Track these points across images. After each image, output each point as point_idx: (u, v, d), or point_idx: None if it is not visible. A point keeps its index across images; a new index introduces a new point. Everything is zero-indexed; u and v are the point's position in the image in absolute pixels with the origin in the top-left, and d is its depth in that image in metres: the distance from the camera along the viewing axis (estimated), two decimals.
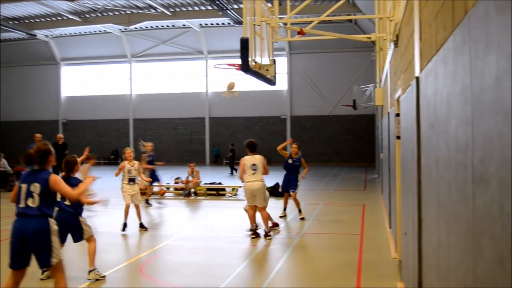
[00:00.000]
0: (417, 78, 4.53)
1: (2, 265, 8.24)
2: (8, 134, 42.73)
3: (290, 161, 13.61)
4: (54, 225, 5.69)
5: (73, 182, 6.63)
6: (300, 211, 13.19)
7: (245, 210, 11.19)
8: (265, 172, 10.82)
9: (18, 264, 5.61)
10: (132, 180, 11.73)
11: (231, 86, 9.63)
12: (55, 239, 5.65)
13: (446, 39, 3.00)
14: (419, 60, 4.53)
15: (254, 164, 10.63)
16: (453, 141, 2.80)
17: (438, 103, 3.33)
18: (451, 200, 2.90)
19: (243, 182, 10.81)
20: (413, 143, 4.83)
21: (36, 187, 5.61)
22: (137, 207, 11.70)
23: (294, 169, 13.56)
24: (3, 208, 15.65)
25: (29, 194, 5.61)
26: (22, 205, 5.62)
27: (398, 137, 7.91)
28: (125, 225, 11.41)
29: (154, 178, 16.36)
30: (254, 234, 10.60)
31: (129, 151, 12.02)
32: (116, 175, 12.00)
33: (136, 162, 11.91)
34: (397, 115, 7.90)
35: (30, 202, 5.59)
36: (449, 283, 2.97)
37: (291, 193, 13.31)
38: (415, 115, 4.59)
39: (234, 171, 28.99)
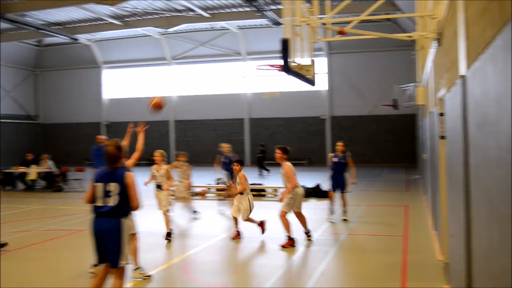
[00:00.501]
0: (463, 76, 4.43)
1: (2, 267, 8.47)
2: (52, 136, 43.90)
3: (335, 159, 13.11)
4: (127, 225, 5.77)
5: None
6: (345, 212, 13.00)
7: (233, 216, 10.75)
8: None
9: (101, 259, 5.83)
10: (159, 186, 11.02)
11: (156, 103, 8.03)
12: (127, 239, 5.78)
13: (495, 37, 2.93)
14: (465, 58, 4.43)
15: None
16: (505, 141, 2.73)
17: (487, 102, 3.25)
18: (503, 201, 2.83)
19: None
20: (460, 143, 4.73)
21: (114, 186, 5.69)
22: (164, 214, 10.90)
23: (340, 168, 13.03)
24: (26, 210, 16.09)
25: (106, 193, 5.68)
26: (99, 204, 5.71)
27: (442, 137, 7.76)
28: (168, 234, 10.71)
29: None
30: (292, 240, 10.05)
31: (156, 154, 11.27)
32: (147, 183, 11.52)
33: (164, 167, 11.03)
34: (441, 114, 7.75)
35: (107, 202, 5.68)
36: (504, 285, 2.88)
37: (340, 193, 12.97)
38: (462, 114, 4.49)
39: (264, 172, 28.77)
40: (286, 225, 10.07)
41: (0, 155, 37.42)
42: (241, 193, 10.65)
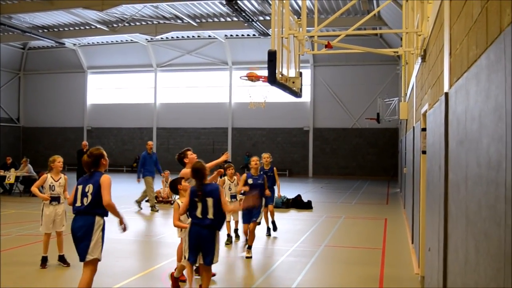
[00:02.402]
0: (446, 94, 4.52)
1: (2, 268, 8.40)
2: (34, 140, 43.49)
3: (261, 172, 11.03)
4: (100, 222, 6.19)
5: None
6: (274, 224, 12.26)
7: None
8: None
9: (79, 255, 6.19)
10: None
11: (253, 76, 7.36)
12: (98, 236, 6.16)
13: (479, 56, 3.00)
14: (449, 76, 4.52)
15: None
16: (485, 159, 2.79)
17: (469, 120, 3.32)
18: (481, 217, 2.89)
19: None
20: (441, 159, 4.81)
21: (90, 188, 6.17)
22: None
23: (269, 183, 11.52)
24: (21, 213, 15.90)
25: (84, 194, 6.18)
26: (78, 204, 6.21)
27: (424, 152, 7.86)
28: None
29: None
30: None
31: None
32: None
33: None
34: (423, 129, 7.85)
35: (84, 201, 6.16)
36: None
37: (269, 206, 11.87)
38: (443, 130, 4.57)
39: None
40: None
41: None
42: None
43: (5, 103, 42.79)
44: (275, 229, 12.33)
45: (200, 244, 6.51)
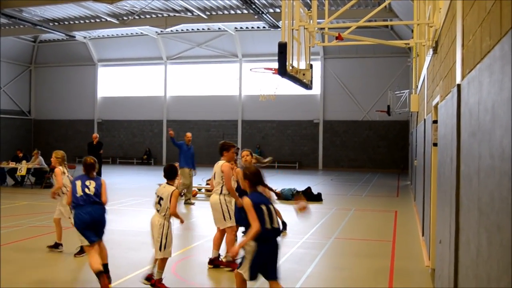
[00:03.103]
0: (459, 85, 4.49)
1: (13, 256, 8.48)
2: (44, 132, 43.74)
3: None
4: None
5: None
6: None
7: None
8: (226, 184, 8.28)
9: (95, 239, 7.19)
10: None
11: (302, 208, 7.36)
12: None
13: (492, 47, 2.98)
14: (461, 67, 4.49)
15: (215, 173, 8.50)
16: (498, 150, 2.78)
17: (482, 111, 3.30)
18: (494, 209, 2.87)
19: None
20: (453, 151, 4.78)
21: (92, 183, 7.25)
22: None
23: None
24: (27, 204, 16.03)
25: (86, 186, 7.19)
26: (79, 194, 7.12)
27: (435, 144, 7.83)
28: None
29: None
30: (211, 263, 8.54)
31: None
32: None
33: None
34: (435, 122, 7.82)
35: (86, 191, 7.15)
36: None
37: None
38: (456, 122, 4.55)
39: None
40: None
41: None
42: None
43: (16, 96, 43.07)
44: (284, 227, 11.90)
45: (271, 259, 5.57)
